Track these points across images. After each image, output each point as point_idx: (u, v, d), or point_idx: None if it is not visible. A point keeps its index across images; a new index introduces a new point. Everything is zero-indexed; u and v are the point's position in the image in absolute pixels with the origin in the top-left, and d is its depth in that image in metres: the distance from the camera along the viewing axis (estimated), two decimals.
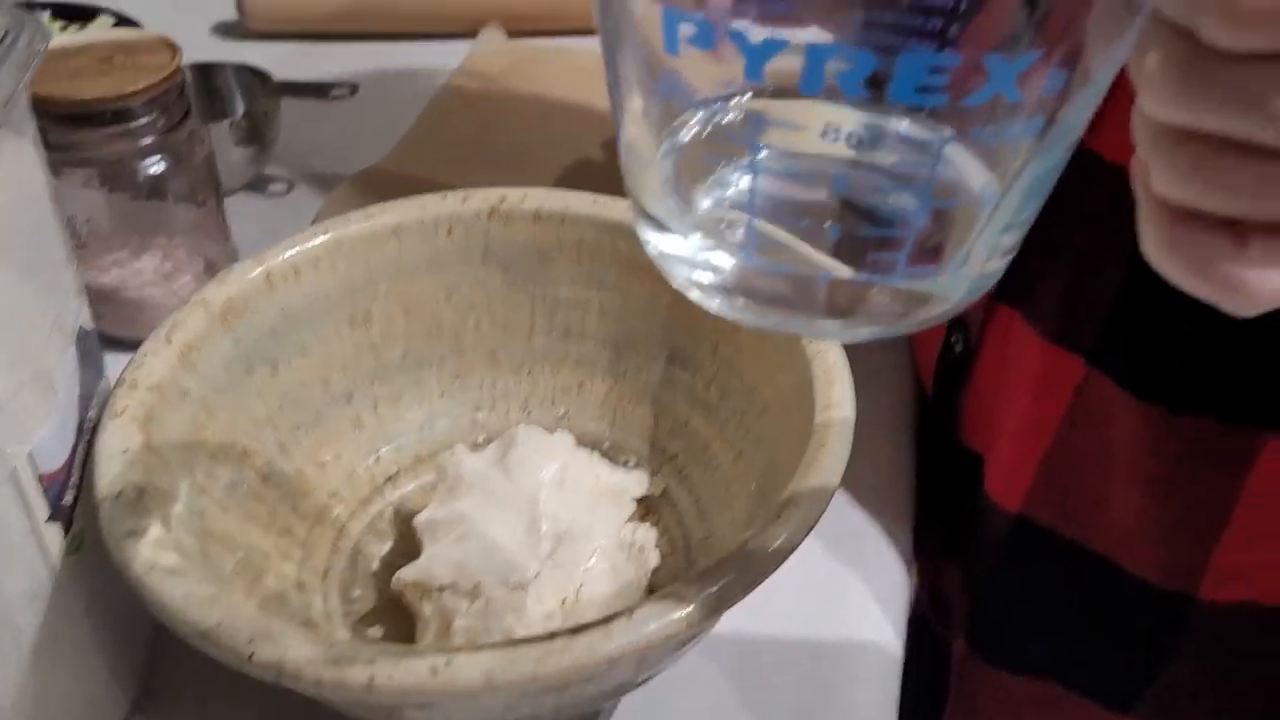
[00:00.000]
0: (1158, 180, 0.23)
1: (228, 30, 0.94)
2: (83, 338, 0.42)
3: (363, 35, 0.91)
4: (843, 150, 0.25)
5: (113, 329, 0.60)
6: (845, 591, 0.51)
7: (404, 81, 0.85)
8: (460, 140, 0.78)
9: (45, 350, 0.38)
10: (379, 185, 0.71)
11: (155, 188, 0.59)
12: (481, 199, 0.51)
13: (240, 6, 0.91)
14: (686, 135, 0.26)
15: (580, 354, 0.54)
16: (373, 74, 0.86)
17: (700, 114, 0.26)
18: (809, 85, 0.22)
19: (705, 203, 0.26)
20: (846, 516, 0.54)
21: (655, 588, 0.47)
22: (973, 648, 0.55)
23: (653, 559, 0.48)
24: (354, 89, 0.82)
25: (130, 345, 0.44)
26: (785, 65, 0.22)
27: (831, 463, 0.40)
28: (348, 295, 0.51)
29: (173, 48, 0.59)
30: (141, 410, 0.42)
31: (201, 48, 0.89)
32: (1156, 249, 0.23)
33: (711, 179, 0.26)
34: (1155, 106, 0.22)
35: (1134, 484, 0.44)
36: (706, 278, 0.27)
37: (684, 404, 0.52)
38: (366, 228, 0.50)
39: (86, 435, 0.41)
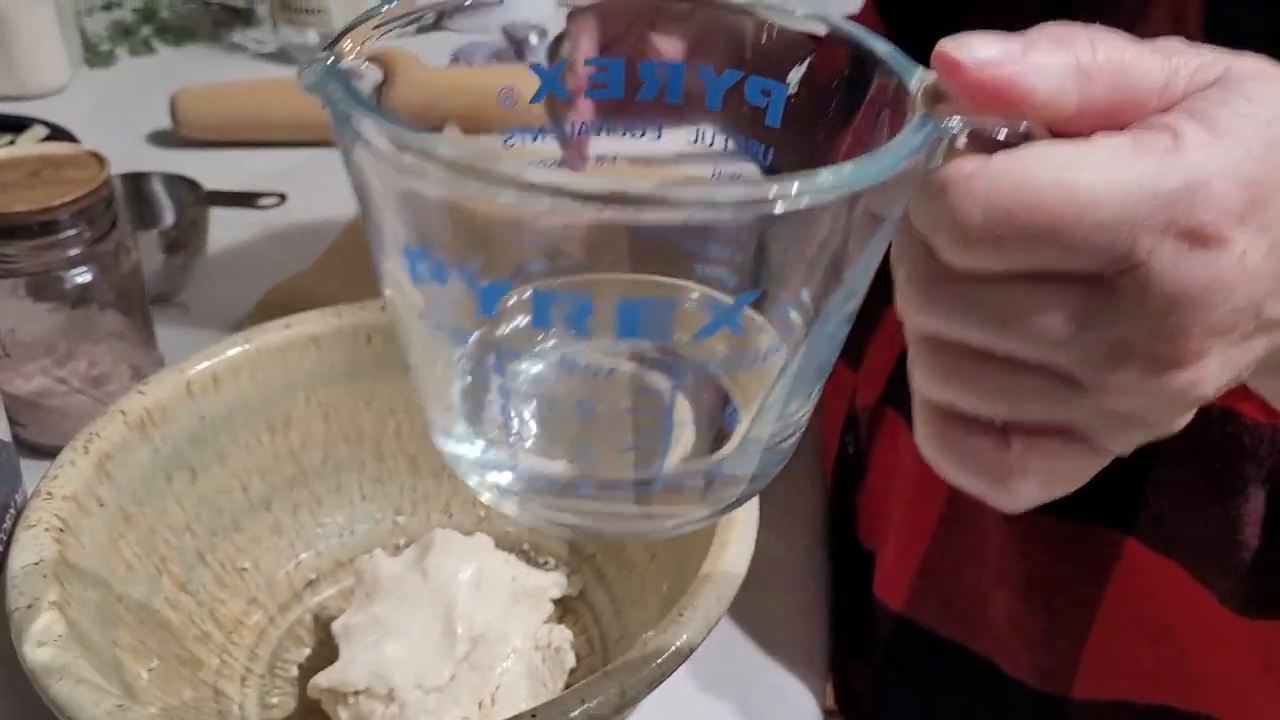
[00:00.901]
0: (920, 382, 0.25)
1: (161, 138, 0.96)
2: (1, 448, 0.42)
3: (294, 143, 0.93)
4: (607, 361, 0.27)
5: (36, 437, 0.60)
6: (762, 693, 0.52)
7: (334, 189, 0.87)
8: None
9: None
10: (303, 295, 0.72)
11: (82, 297, 0.60)
12: None
13: (174, 115, 0.93)
14: (468, 352, 0.27)
15: None
16: (303, 182, 0.88)
17: (477, 334, 0.27)
18: (539, 322, 0.25)
19: (490, 412, 0.27)
20: (763, 614, 0.55)
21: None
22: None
23: (569, 660, 0.48)
24: (282, 198, 0.84)
25: (54, 453, 0.44)
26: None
27: (732, 561, 0.41)
28: (267, 402, 0.52)
29: (100, 160, 0.60)
30: (56, 521, 0.42)
31: (135, 155, 0.90)
32: (927, 445, 0.25)
33: (492, 391, 0.27)
34: (908, 315, 0.24)
35: (1004, 585, 0.45)
36: (500, 480, 0.28)
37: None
38: (286, 336, 0.52)
39: (2, 546, 0.42)
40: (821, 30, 0.27)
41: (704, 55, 0.28)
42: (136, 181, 0.79)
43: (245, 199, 0.82)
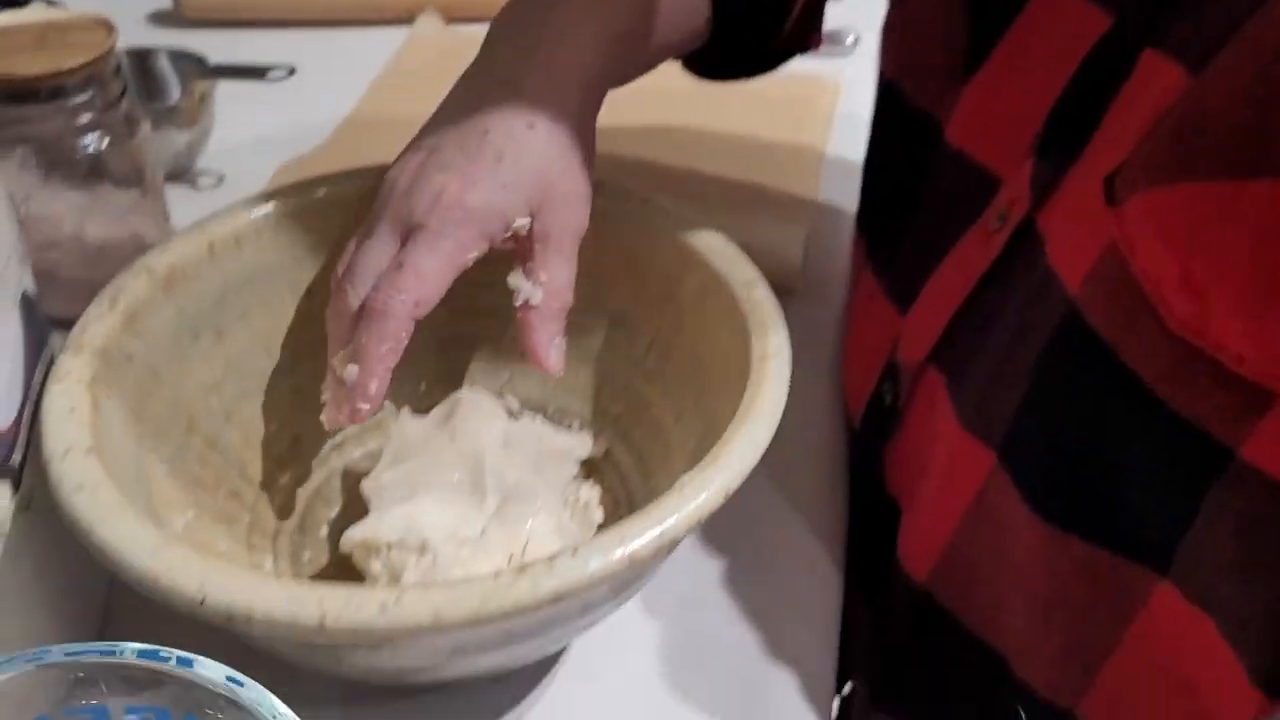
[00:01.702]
0: None
1: (162, 19, 0.93)
2: (25, 303, 0.42)
3: (298, 22, 0.91)
4: None
5: (50, 310, 0.59)
6: (780, 617, 0.51)
7: (342, 66, 0.85)
8: (398, 125, 0.78)
9: None
10: (317, 172, 0.71)
11: (93, 168, 0.59)
12: None
13: None
14: None
15: None
16: (310, 58, 0.86)
17: None
18: None
19: None
20: (777, 539, 0.54)
21: None
22: (876, 697, 0.55)
23: (597, 516, 0.49)
24: (291, 71, 0.83)
25: (69, 325, 0.44)
26: None
27: (767, 407, 0.41)
28: (290, 266, 0.51)
29: (107, 26, 0.59)
30: (88, 372, 0.42)
31: (136, 36, 0.88)
32: None
33: None
34: None
35: (1023, 595, 0.44)
36: None
37: (625, 368, 0.53)
38: (309, 200, 0.51)
39: (33, 399, 0.42)
40: None
41: None
42: (142, 58, 0.77)
43: (253, 72, 0.81)
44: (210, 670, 0.27)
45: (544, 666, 0.48)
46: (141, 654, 0.28)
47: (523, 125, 0.46)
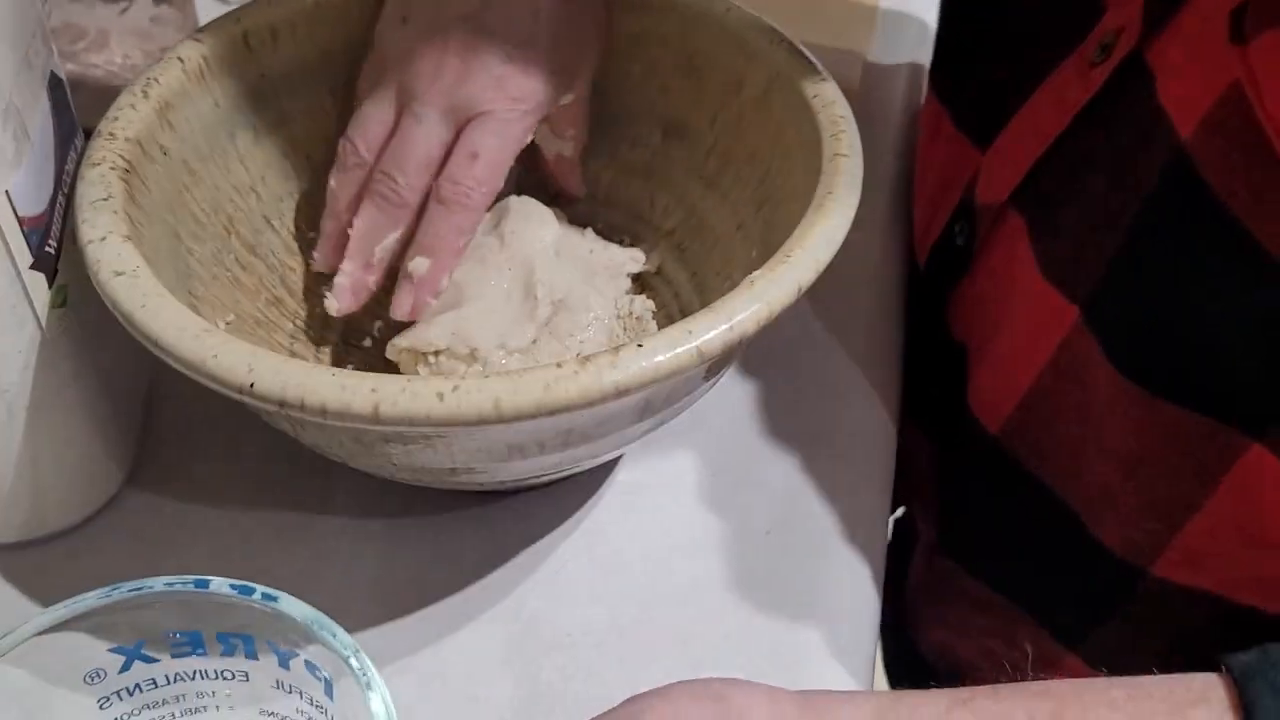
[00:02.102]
0: None
1: None
2: (54, 85, 0.40)
3: None
4: None
5: (79, 118, 0.57)
6: (830, 461, 0.49)
7: None
8: None
9: (14, 85, 0.36)
10: None
11: None
12: None
13: None
14: None
15: None
16: None
17: None
18: None
19: None
20: (830, 371, 0.52)
21: None
22: (941, 541, 0.54)
23: (651, 328, 0.47)
24: None
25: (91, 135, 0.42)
26: None
27: (841, 204, 0.39)
28: (329, 64, 0.49)
29: None
30: (121, 161, 0.40)
31: None
32: None
33: None
34: None
35: (1104, 454, 0.42)
36: None
37: (681, 177, 0.50)
38: None
39: (66, 187, 0.40)
40: None
41: None
42: None
43: None
44: (292, 607, 0.31)
45: (591, 485, 0.47)
46: (233, 587, 0.31)
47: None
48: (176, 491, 0.45)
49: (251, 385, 0.33)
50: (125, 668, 0.32)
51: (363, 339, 0.49)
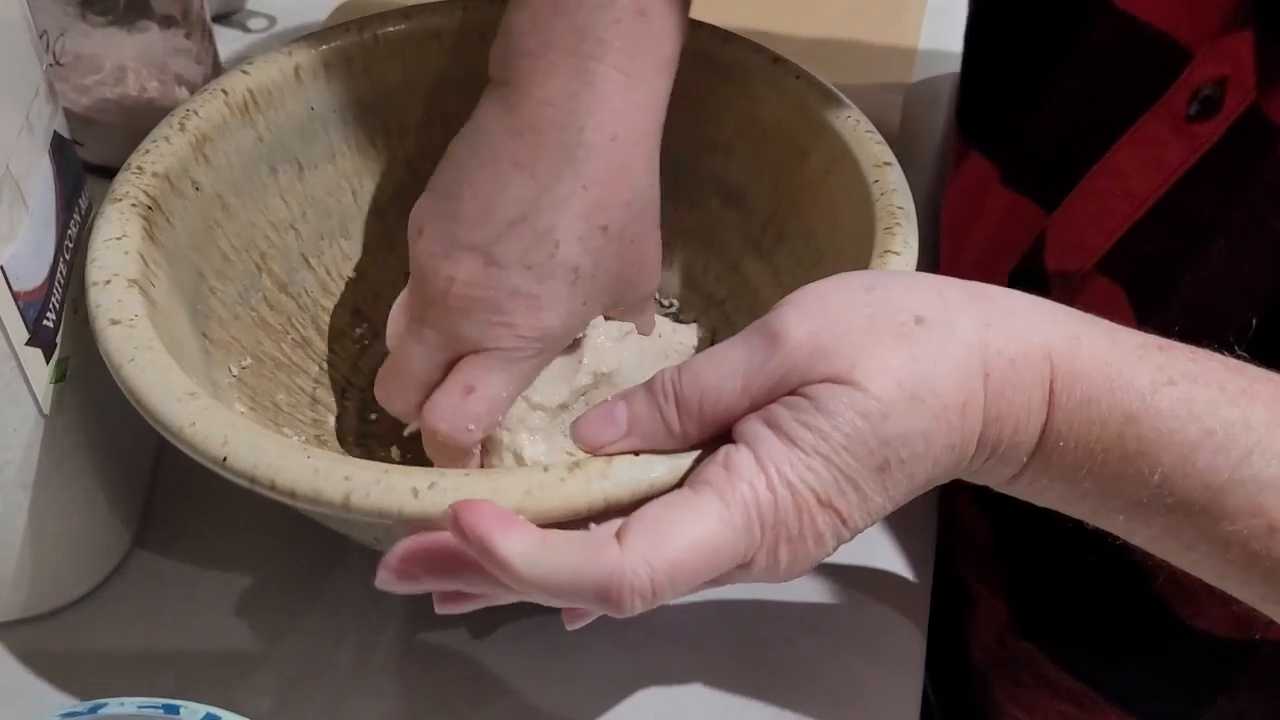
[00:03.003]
0: None
1: None
2: (59, 145, 0.38)
3: None
4: None
5: (92, 156, 0.56)
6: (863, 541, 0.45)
7: None
8: None
9: (14, 151, 0.34)
10: (383, 8, 0.64)
11: (134, 4, 0.53)
12: None
13: None
14: None
15: None
16: None
17: None
18: None
19: None
20: None
21: None
22: (1015, 621, 0.50)
23: None
24: None
25: (109, 173, 0.40)
26: None
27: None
28: (384, 100, 0.47)
29: None
30: (145, 198, 0.39)
31: None
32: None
33: None
34: None
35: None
36: None
37: (737, 246, 0.48)
38: (405, 29, 0.46)
39: (68, 253, 0.38)
40: None
41: None
42: None
43: None
44: None
45: None
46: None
47: (597, 229, 0.38)
48: (184, 553, 0.44)
49: (224, 460, 0.31)
50: None
51: None
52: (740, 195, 0.47)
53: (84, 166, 0.54)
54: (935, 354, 0.30)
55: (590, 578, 0.28)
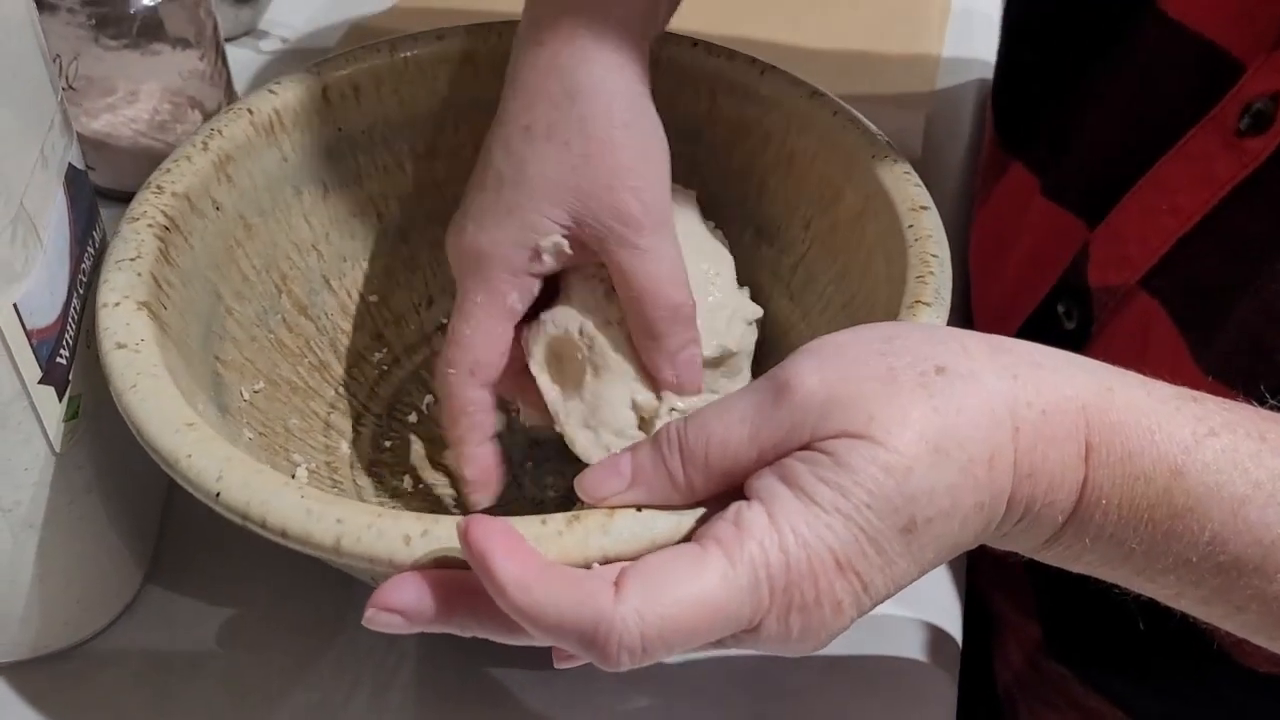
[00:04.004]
0: None
1: None
2: (73, 177, 0.37)
3: None
4: None
5: (105, 180, 0.55)
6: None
7: None
8: None
9: (29, 186, 0.33)
10: (397, 33, 0.62)
11: (147, 26, 0.53)
12: None
13: None
14: None
15: None
16: None
17: None
18: None
19: None
20: None
21: None
22: (1048, 643, 0.48)
23: None
24: None
25: (123, 198, 0.39)
26: None
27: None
28: (412, 123, 0.46)
29: None
30: (162, 218, 0.38)
31: None
32: None
33: None
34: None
35: None
36: None
37: (767, 284, 0.46)
38: (436, 50, 0.46)
39: (82, 287, 0.37)
40: None
41: None
42: None
43: None
44: None
45: None
46: None
47: (519, 129, 0.38)
48: (195, 592, 0.43)
49: (218, 495, 0.31)
50: None
51: (409, 413, 0.47)
52: (774, 231, 0.46)
53: (95, 191, 0.54)
54: (959, 404, 0.28)
55: (577, 621, 0.27)
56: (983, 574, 0.50)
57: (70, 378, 0.36)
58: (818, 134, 0.43)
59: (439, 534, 0.29)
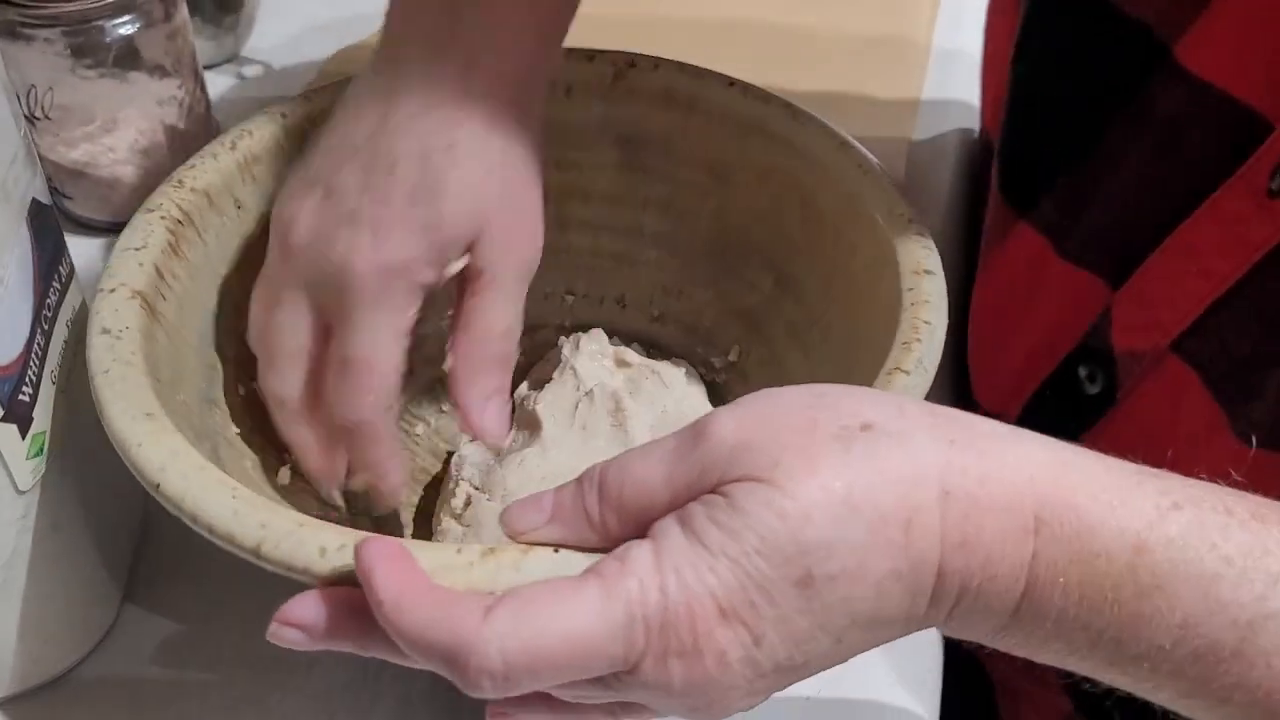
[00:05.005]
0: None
1: None
2: (37, 212, 0.36)
3: None
4: None
5: (83, 210, 0.56)
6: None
7: None
8: None
9: None
10: None
11: (124, 54, 0.52)
12: (609, 60, 0.46)
13: None
14: None
15: (688, 253, 0.48)
16: None
17: None
18: None
19: None
20: None
21: None
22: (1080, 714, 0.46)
23: None
24: None
25: (102, 227, 0.40)
26: None
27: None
28: None
29: None
30: (177, 211, 0.40)
31: None
32: None
33: None
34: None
35: None
36: None
37: (783, 337, 0.45)
38: None
39: (46, 322, 0.37)
40: None
41: None
42: None
43: None
44: None
45: None
46: None
47: (440, 147, 0.37)
48: (169, 629, 0.43)
49: (158, 486, 0.31)
50: None
51: (416, 424, 0.48)
52: (796, 284, 0.45)
53: (72, 221, 0.53)
54: (879, 462, 0.27)
55: (441, 641, 0.26)
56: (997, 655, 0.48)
57: (34, 415, 0.36)
58: (843, 188, 0.42)
59: (354, 550, 0.29)
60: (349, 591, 0.29)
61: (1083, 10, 0.40)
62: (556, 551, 0.29)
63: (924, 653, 0.43)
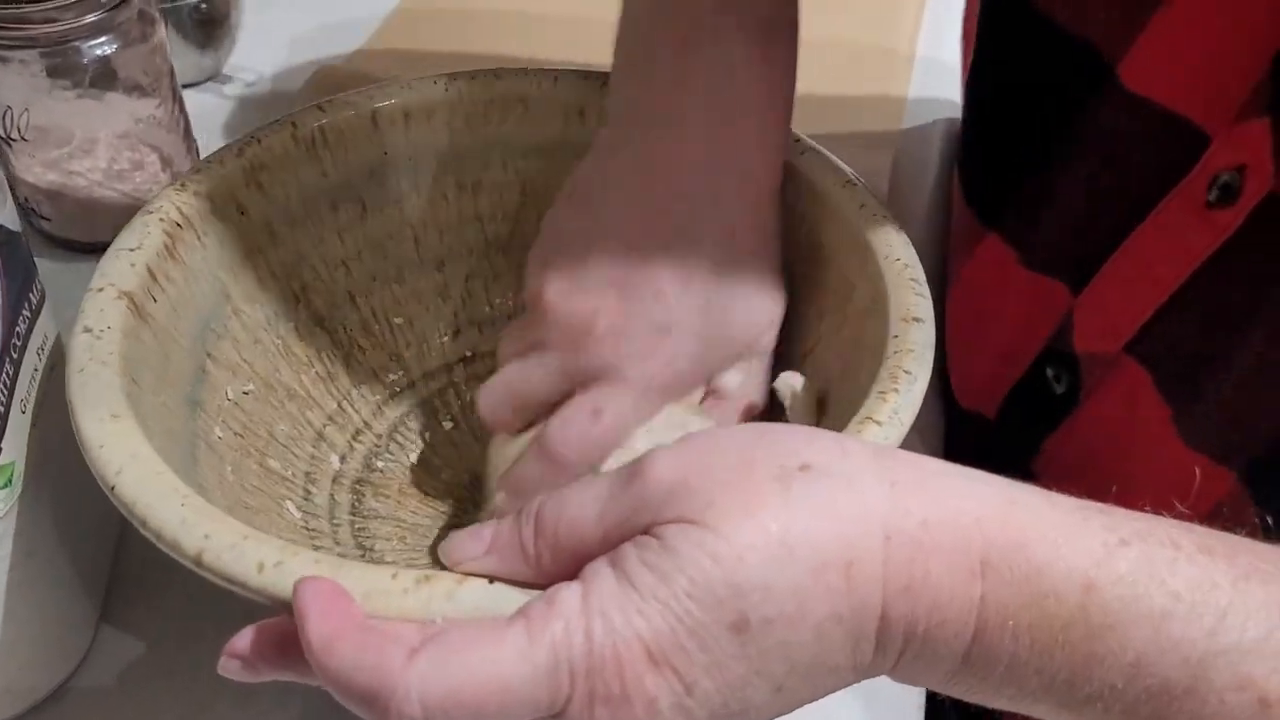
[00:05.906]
0: None
1: None
2: (5, 240, 0.36)
3: None
4: None
5: (61, 230, 0.56)
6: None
7: None
8: (451, 18, 0.67)
9: None
10: (359, 80, 0.53)
11: (102, 74, 0.51)
12: None
13: None
14: None
15: None
16: None
17: None
18: None
19: None
20: None
21: None
22: None
23: None
24: None
25: (80, 248, 0.39)
26: None
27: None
28: (460, 156, 0.47)
29: None
30: (177, 213, 0.40)
31: None
32: None
33: None
34: None
35: None
36: None
37: (776, 368, 0.44)
38: (492, 89, 0.46)
39: (14, 354, 0.36)
40: None
41: None
42: None
43: None
44: None
45: None
46: None
47: (729, 261, 0.39)
48: (143, 659, 0.42)
49: (113, 488, 0.32)
50: None
51: (411, 438, 0.48)
52: (792, 318, 0.44)
53: (51, 241, 0.53)
54: (817, 502, 0.26)
55: (365, 681, 0.26)
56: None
57: (2, 446, 0.35)
58: (842, 228, 0.41)
59: (292, 566, 0.29)
60: (284, 624, 0.29)
61: (1031, 30, 0.41)
62: (491, 583, 0.29)
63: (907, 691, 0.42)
